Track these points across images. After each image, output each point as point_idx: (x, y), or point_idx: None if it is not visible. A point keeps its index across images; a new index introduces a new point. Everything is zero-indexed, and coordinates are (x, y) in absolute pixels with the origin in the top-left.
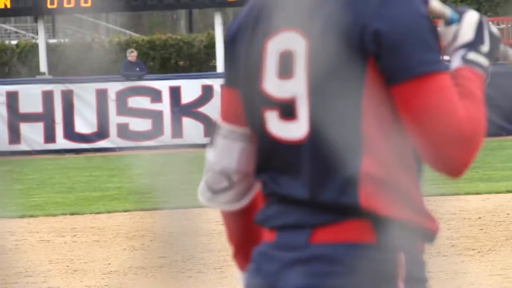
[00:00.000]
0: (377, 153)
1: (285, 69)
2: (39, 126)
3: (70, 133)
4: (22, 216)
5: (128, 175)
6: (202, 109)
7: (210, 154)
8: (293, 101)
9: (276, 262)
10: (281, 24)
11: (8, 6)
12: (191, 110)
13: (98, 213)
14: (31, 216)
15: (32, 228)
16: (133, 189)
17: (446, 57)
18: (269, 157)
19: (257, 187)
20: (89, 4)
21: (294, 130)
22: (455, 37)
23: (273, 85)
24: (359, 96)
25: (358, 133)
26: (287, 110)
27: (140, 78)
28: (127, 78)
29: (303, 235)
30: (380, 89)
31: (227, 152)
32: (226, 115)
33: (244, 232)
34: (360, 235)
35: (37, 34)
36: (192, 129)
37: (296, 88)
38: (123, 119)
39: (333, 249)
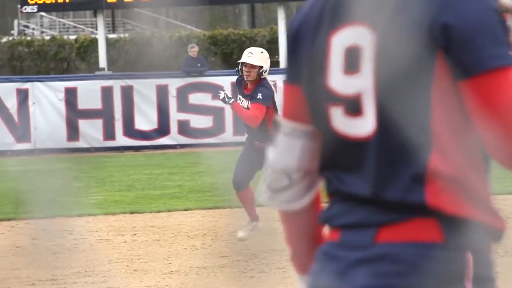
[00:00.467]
0: (445, 149)
1: (351, 65)
2: (98, 123)
3: (129, 130)
4: (81, 215)
5: (189, 173)
6: None
7: (271, 152)
8: (358, 97)
9: (341, 262)
10: (347, 19)
11: (67, 1)
12: None
13: (159, 211)
14: (90, 214)
15: (91, 227)
16: (194, 187)
17: None
18: (334, 154)
19: (318, 186)
20: None
21: (360, 127)
22: None
23: (338, 81)
24: (428, 91)
25: (427, 129)
26: (353, 106)
27: (201, 74)
28: (188, 73)
29: (368, 234)
30: (448, 84)
31: (288, 150)
32: (288, 112)
33: (303, 233)
34: (427, 234)
35: (96, 29)
36: None
37: (362, 83)
38: (184, 116)
39: (399, 248)
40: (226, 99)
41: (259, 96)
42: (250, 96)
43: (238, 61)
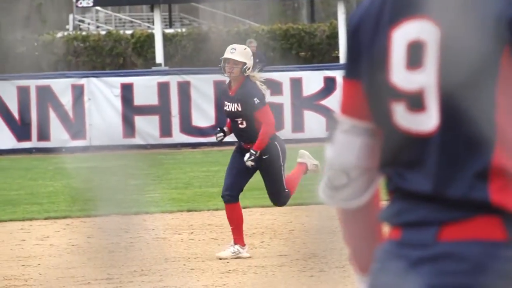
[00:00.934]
0: (510, 145)
1: (414, 60)
2: (155, 119)
3: (187, 127)
4: (137, 213)
5: None
6: (324, 102)
7: (330, 150)
8: (421, 92)
9: (403, 261)
10: (409, 13)
11: None
12: (312, 102)
13: (216, 209)
14: (147, 212)
15: (148, 225)
16: (252, 185)
17: None
18: (395, 150)
19: (377, 184)
20: None
21: (423, 122)
22: None
23: (400, 77)
24: (493, 85)
25: (491, 124)
26: (415, 102)
27: (259, 69)
28: None
29: (430, 233)
30: None
31: (347, 147)
32: (347, 109)
33: (362, 232)
34: (491, 232)
35: (152, 23)
36: (313, 122)
37: (425, 79)
38: None
39: (462, 247)
40: (253, 157)
41: (256, 101)
42: (236, 99)
43: (221, 58)
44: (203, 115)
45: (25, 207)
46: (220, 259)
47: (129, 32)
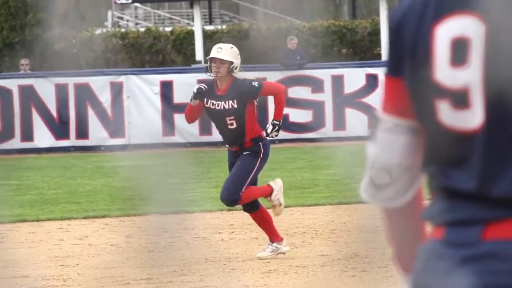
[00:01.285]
0: None
1: (458, 57)
2: None
3: None
4: (177, 212)
5: (288, 169)
6: (366, 100)
7: (372, 148)
8: (466, 89)
9: (446, 260)
10: (453, 8)
11: None
12: (354, 100)
13: None
14: (186, 212)
15: (187, 225)
16: (294, 184)
17: None
18: (439, 149)
19: (420, 182)
20: None
21: (468, 120)
22: None
23: (444, 74)
24: None
25: None
26: (460, 99)
27: (300, 66)
28: (287, 66)
29: (474, 232)
30: None
31: (389, 146)
32: (389, 107)
33: (405, 231)
34: None
35: (192, 20)
36: (355, 120)
37: (470, 76)
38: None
39: (508, 246)
40: (276, 131)
41: (254, 84)
42: (229, 97)
43: (207, 57)
44: None
45: (64, 206)
46: (260, 259)
47: (168, 29)
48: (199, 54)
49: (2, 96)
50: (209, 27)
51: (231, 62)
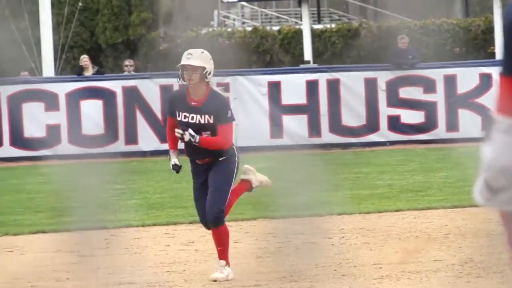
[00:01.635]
0: None
1: None
2: (303, 119)
3: (336, 126)
4: (285, 216)
5: (399, 172)
6: (479, 100)
7: (487, 150)
8: None
9: None
10: None
11: None
12: (467, 100)
13: (368, 212)
14: (295, 216)
15: (297, 229)
16: (406, 187)
17: None
18: None
19: None
20: None
21: None
22: None
23: None
24: None
25: None
26: None
27: (412, 66)
28: (398, 66)
29: None
30: None
31: (506, 148)
32: (505, 107)
33: None
34: None
35: (300, 19)
36: (468, 121)
37: None
38: (394, 111)
39: None
40: (192, 139)
41: (229, 114)
42: (205, 111)
43: (177, 65)
44: (353, 114)
45: (169, 211)
46: (215, 281)
47: (276, 28)
48: (307, 54)
49: (106, 98)
50: (318, 26)
51: (204, 68)
